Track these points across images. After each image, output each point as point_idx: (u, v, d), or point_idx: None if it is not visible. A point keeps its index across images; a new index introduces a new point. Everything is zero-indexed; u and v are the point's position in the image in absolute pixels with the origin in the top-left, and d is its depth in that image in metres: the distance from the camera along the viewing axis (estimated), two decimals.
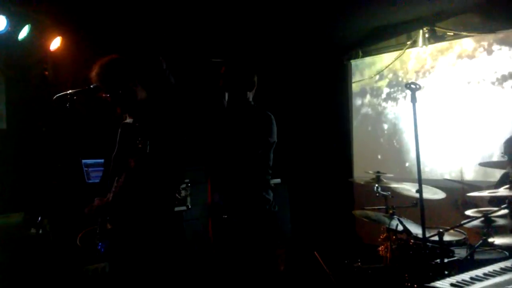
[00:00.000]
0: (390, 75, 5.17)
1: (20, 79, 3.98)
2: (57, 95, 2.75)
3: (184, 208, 4.35)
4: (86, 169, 4.00)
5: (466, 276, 1.63)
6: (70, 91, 2.72)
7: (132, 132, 2.65)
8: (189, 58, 5.06)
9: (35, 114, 3.96)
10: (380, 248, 3.59)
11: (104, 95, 2.66)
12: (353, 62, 5.63)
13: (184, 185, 4.34)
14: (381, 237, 3.61)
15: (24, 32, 3.79)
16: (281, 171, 4.61)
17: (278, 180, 4.78)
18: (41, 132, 3.86)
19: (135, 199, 2.61)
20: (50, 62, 4.10)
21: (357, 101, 5.63)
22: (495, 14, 4.37)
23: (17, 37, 3.77)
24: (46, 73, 4.08)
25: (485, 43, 4.47)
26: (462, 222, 3.16)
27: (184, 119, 2.81)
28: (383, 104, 5.31)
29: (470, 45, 4.57)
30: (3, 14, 3.55)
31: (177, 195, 4.26)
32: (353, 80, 5.65)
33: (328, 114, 5.78)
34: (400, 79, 5.08)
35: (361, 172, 5.33)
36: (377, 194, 3.86)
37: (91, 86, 2.71)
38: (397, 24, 4.81)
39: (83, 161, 4.03)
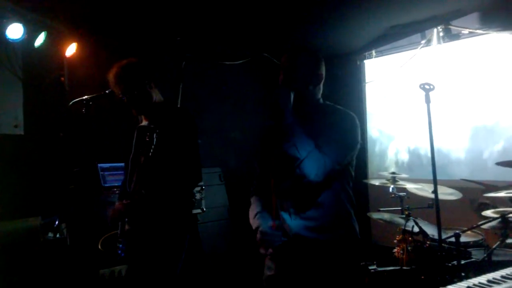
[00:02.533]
0: (404, 75, 5.13)
1: (36, 85, 4.03)
2: (73, 100, 2.79)
3: (199, 211, 4.37)
4: (102, 173, 4.05)
5: (483, 279, 1.60)
6: (86, 96, 2.77)
7: (150, 134, 2.67)
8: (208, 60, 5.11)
9: (51, 119, 4.02)
10: (395, 250, 3.57)
11: (120, 96, 2.69)
12: (367, 62, 5.59)
13: (198, 188, 4.36)
14: (397, 238, 3.59)
15: (40, 39, 3.85)
16: None
17: None
18: (58, 137, 3.92)
19: (147, 197, 2.63)
20: (66, 68, 4.15)
21: (371, 102, 5.59)
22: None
23: (33, 44, 3.83)
24: (62, 79, 4.13)
25: (501, 42, 4.40)
26: (479, 223, 3.13)
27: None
28: (397, 104, 5.27)
29: (486, 44, 4.51)
30: (20, 22, 3.60)
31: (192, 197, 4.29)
32: (366, 81, 5.62)
33: None
34: (414, 79, 5.03)
35: (376, 173, 5.31)
36: (392, 195, 3.84)
37: (107, 92, 2.75)
38: (411, 23, 4.76)
39: (99, 165, 4.08)
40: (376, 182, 4.02)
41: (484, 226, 3.12)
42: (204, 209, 4.40)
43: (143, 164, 2.60)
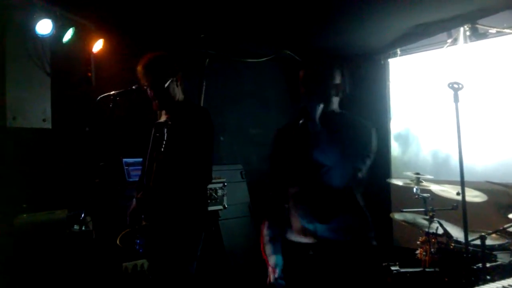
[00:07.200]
0: (430, 74, 5.06)
1: (64, 80, 4.11)
2: (101, 96, 2.84)
3: (220, 207, 4.40)
4: (126, 167, 4.10)
5: (510, 281, 1.59)
6: (113, 92, 2.81)
7: (164, 130, 2.69)
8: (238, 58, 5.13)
9: (79, 114, 4.09)
10: (418, 251, 3.54)
11: (146, 87, 2.72)
12: (391, 61, 5.54)
13: (220, 185, 4.38)
14: (420, 240, 3.55)
15: (68, 35, 3.91)
16: None
17: None
18: (85, 131, 3.99)
19: (165, 193, 2.66)
20: (93, 63, 4.22)
21: (395, 101, 5.53)
22: None
23: (62, 40, 3.90)
24: (89, 74, 4.20)
25: None
26: (505, 226, 3.08)
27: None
28: (422, 103, 5.20)
29: None
30: (49, 18, 3.67)
31: (214, 194, 4.31)
32: (391, 79, 5.56)
33: (366, 114, 5.68)
34: (441, 78, 4.95)
35: (399, 173, 5.25)
36: (416, 196, 3.80)
37: (133, 87, 2.78)
38: (437, 22, 4.69)
39: (124, 160, 4.13)
40: (400, 182, 3.99)
41: (510, 229, 3.07)
42: (226, 206, 4.42)
43: (158, 159, 2.63)
